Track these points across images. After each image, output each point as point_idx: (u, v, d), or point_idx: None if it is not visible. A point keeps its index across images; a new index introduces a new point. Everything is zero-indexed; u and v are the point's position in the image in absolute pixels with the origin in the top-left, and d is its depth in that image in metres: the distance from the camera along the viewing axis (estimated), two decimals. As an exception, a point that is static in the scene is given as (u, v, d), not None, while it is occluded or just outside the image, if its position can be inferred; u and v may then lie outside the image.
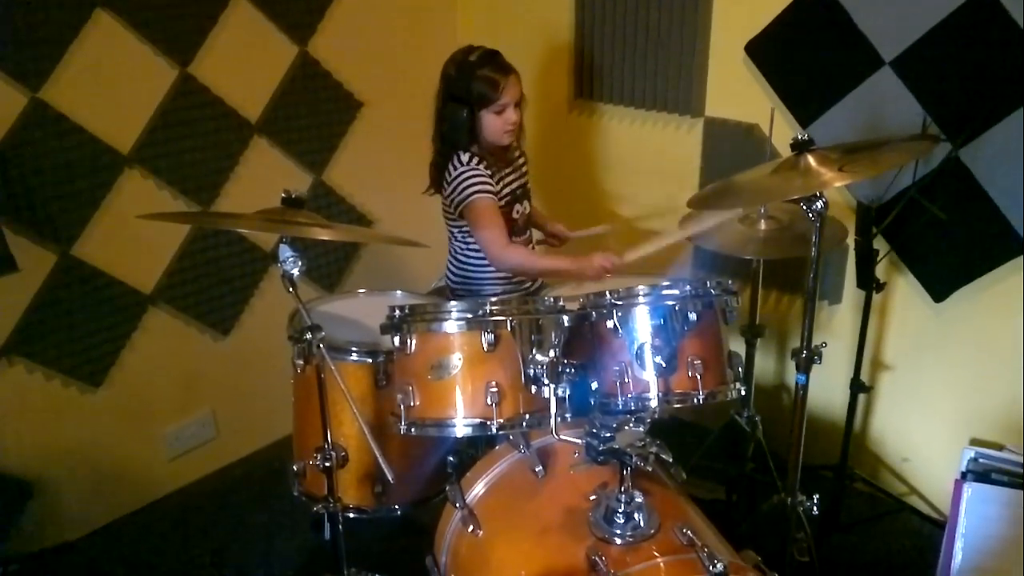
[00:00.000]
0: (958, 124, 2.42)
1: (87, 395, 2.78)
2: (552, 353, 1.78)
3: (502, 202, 2.54)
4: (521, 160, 2.66)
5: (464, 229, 2.57)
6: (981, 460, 2.37)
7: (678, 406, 1.83)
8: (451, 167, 2.48)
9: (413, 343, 1.82)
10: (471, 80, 2.41)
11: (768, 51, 2.77)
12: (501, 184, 2.54)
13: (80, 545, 2.81)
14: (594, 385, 1.88)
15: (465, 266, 2.65)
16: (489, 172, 2.48)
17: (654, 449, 1.66)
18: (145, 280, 2.83)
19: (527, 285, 2.72)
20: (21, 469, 2.67)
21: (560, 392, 1.76)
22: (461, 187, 2.45)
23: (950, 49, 2.41)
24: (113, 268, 2.73)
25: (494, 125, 2.46)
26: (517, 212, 2.62)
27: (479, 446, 2.32)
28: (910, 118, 2.48)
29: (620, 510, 1.71)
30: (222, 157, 2.92)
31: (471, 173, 2.45)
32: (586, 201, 3.44)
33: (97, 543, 2.84)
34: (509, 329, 1.77)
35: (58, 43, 2.47)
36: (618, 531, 1.70)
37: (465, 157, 2.47)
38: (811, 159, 1.97)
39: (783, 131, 2.64)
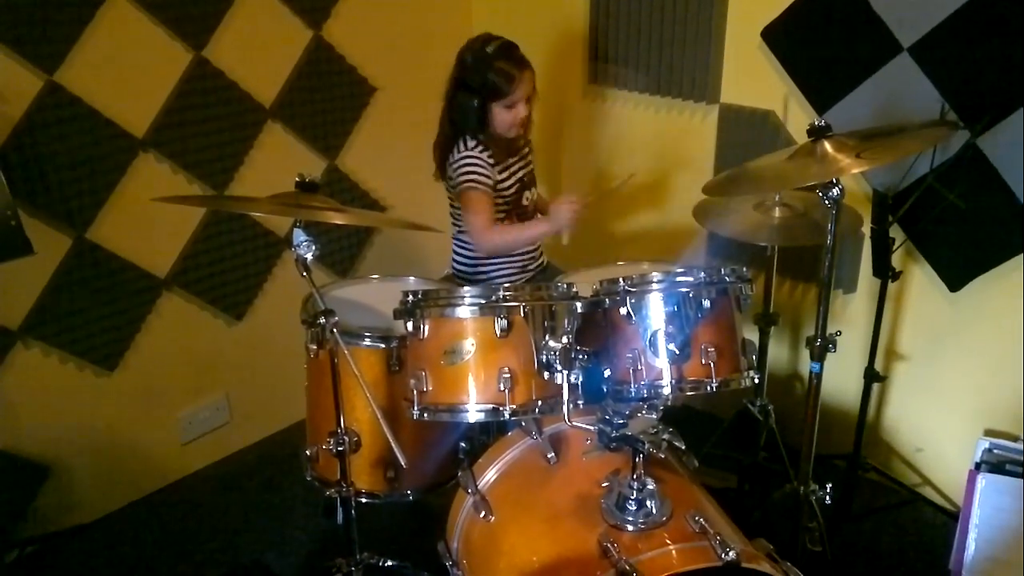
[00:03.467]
0: (977, 111, 2.40)
1: (102, 378, 2.79)
2: (565, 339, 1.78)
3: (511, 191, 2.55)
4: (527, 149, 2.66)
5: None
6: (995, 451, 2.36)
7: (691, 394, 1.82)
8: (455, 150, 2.49)
9: (426, 328, 1.82)
10: (486, 72, 2.41)
11: (785, 37, 2.75)
12: (507, 173, 2.55)
13: (94, 528, 2.83)
14: (607, 372, 1.88)
15: (470, 253, 2.66)
16: (492, 161, 2.49)
17: (666, 436, 1.66)
18: (159, 264, 2.84)
19: (533, 268, 2.72)
20: (36, 451, 2.68)
21: (573, 378, 1.75)
22: (460, 171, 2.47)
23: (970, 35, 2.38)
24: (128, 252, 2.74)
25: (502, 118, 2.47)
26: (527, 199, 2.62)
27: (491, 432, 2.32)
28: (928, 105, 2.46)
29: (632, 497, 1.71)
30: (236, 141, 2.92)
31: (472, 159, 2.47)
32: (599, 188, 3.42)
33: (111, 526, 2.86)
34: (522, 315, 1.77)
35: (73, 26, 2.47)
36: (630, 518, 1.70)
37: (471, 143, 2.48)
38: (828, 146, 1.96)
39: (800, 118, 2.62)
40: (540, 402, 1.79)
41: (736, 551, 1.56)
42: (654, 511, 1.70)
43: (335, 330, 1.88)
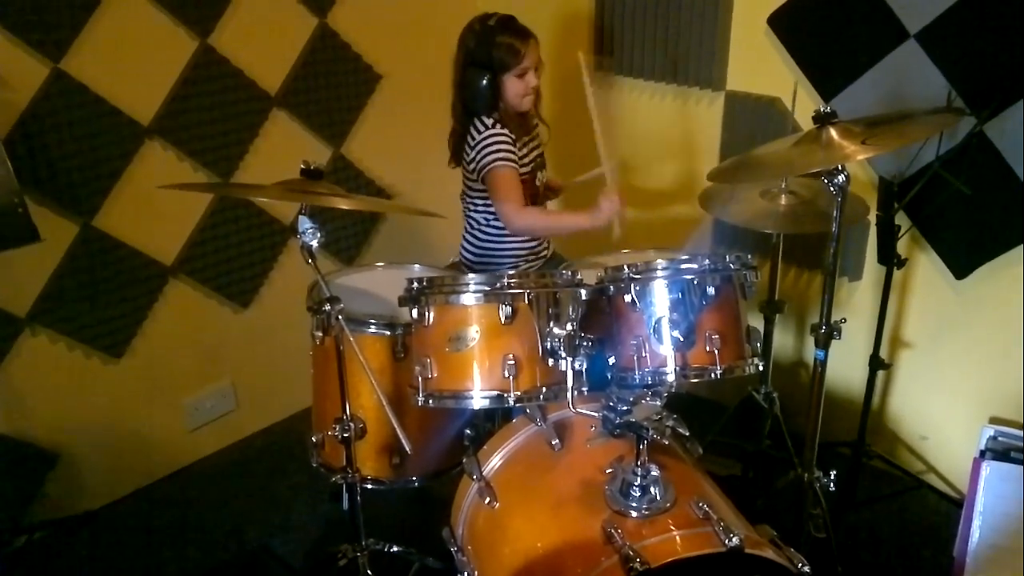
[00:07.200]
0: (984, 98, 2.38)
1: (109, 366, 2.81)
2: (569, 326, 1.78)
3: (525, 170, 2.54)
4: (537, 129, 2.66)
5: (486, 199, 2.57)
6: (1000, 438, 2.36)
7: (695, 381, 1.82)
8: (474, 131, 2.48)
9: (431, 315, 1.82)
10: (492, 45, 2.42)
11: (791, 23, 2.74)
12: (525, 150, 2.55)
13: (102, 514, 2.85)
14: (611, 359, 1.88)
15: (484, 240, 2.64)
16: (512, 137, 2.48)
17: (671, 423, 1.66)
18: (166, 252, 2.85)
19: (542, 255, 2.72)
20: (44, 438, 2.70)
21: (577, 365, 1.76)
22: (484, 151, 2.45)
23: (976, 22, 2.37)
24: (134, 239, 2.74)
25: (515, 89, 2.46)
26: (539, 180, 2.62)
27: (496, 419, 2.33)
28: (935, 91, 2.45)
29: (636, 483, 1.71)
30: (242, 129, 2.92)
31: (496, 138, 2.45)
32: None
33: (118, 512, 2.88)
34: (527, 302, 1.77)
35: (79, 13, 2.47)
36: (634, 504, 1.70)
37: (489, 121, 2.47)
38: (833, 132, 1.94)
39: (807, 105, 2.60)
40: (544, 389, 1.80)
41: (740, 537, 1.56)
42: (658, 497, 1.70)
43: (340, 317, 1.88)
